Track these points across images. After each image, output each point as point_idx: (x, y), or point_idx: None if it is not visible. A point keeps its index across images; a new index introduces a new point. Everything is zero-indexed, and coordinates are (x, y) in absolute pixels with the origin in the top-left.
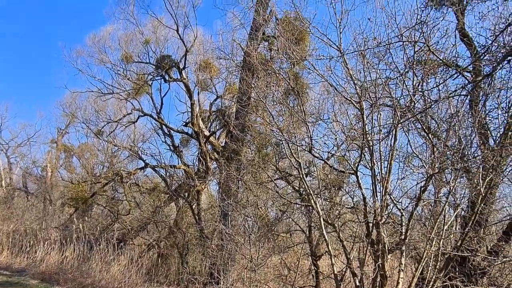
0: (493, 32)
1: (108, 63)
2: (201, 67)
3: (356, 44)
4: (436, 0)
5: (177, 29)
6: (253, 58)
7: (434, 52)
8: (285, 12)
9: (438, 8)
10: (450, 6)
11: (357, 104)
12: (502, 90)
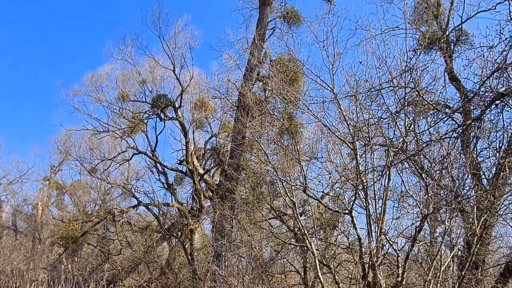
0: (481, 77)
1: (104, 101)
2: (196, 106)
3: (349, 86)
4: (424, 45)
5: (173, 69)
6: (247, 99)
7: (424, 96)
8: (279, 54)
9: (427, 52)
10: (438, 50)
11: (350, 144)
12: (492, 132)
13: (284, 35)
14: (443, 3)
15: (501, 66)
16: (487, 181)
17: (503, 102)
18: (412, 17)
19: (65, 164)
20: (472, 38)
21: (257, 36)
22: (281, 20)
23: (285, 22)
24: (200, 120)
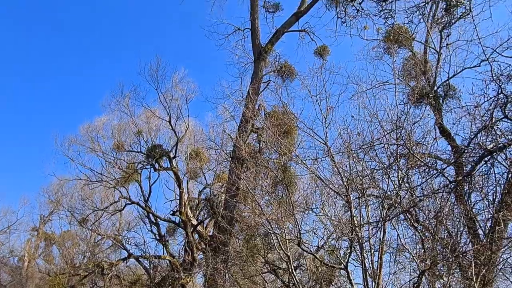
0: (469, 133)
1: (99, 151)
2: (191, 156)
3: (342, 139)
4: (414, 99)
5: (169, 120)
6: (242, 151)
7: (416, 148)
8: (273, 107)
9: (417, 106)
10: (428, 105)
11: (344, 197)
12: (484, 187)
13: (278, 89)
14: (430, 60)
15: (487, 124)
16: (483, 234)
17: (493, 158)
18: (401, 73)
19: (55, 214)
20: (460, 93)
21: (251, 89)
22: (275, 74)
23: (279, 76)
24: (194, 171)
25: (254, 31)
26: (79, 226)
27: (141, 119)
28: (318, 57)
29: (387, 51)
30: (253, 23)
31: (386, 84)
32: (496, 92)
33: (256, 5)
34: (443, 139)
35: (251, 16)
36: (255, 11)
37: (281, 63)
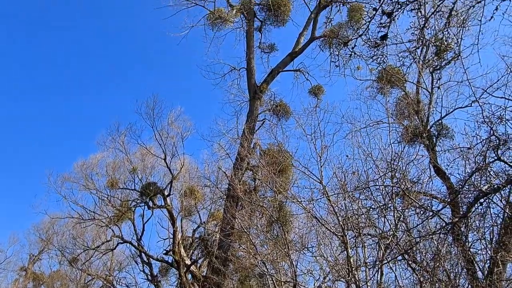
0: (463, 175)
1: (93, 189)
2: (186, 194)
3: (337, 178)
4: (408, 139)
5: (164, 158)
6: (237, 190)
7: (411, 192)
8: (268, 145)
9: (411, 144)
10: (422, 143)
11: (341, 237)
12: (481, 228)
13: (273, 128)
14: (422, 100)
15: (481, 166)
16: (482, 276)
17: (488, 199)
18: (394, 112)
19: (45, 253)
20: (453, 133)
21: (247, 128)
22: (270, 113)
23: (275, 115)
24: (188, 209)
25: (250, 71)
26: (69, 266)
27: (136, 156)
28: (312, 96)
29: (380, 91)
30: (249, 62)
31: (380, 123)
32: (488, 134)
33: (252, 46)
34: (438, 178)
35: (247, 56)
36: (251, 51)
37: (276, 102)
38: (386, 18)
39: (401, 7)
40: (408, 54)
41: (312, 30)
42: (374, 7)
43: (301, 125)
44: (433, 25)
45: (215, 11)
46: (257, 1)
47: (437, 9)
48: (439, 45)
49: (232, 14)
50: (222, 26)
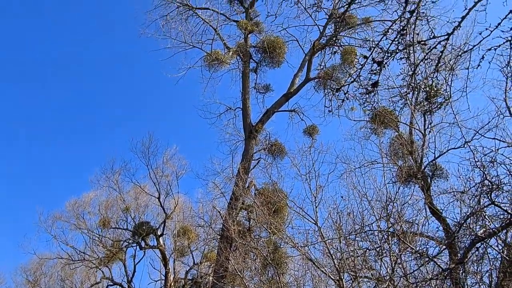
0: (459, 219)
1: (84, 228)
2: (179, 234)
3: (332, 220)
4: (402, 179)
5: (158, 197)
6: (231, 231)
7: (407, 233)
8: (264, 184)
9: (406, 185)
10: (417, 184)
11: (336, 281)
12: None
13: (269, 167)
14: (416, 141)
15: (476, 210)
16: None
17: (485, 243)
18: (388, 152)
19: None
20: (447, 173)
21: (242, 168)
22: (265, 152)
23: (270, 154)
24: (181, 249)
25: (245, 111)
26: None
27: (129, 195)
28: (307, 136)
29: (374, 131)
30: (245, 103)
31: (375, 163)
32: (481, 178)
33: (248, 86)
34: (434, 218)
35: (243, 96)
36: (247, 91)
37: (272, 141)
38: (376, 66)
39: (391, 55)
40: (400, 99)
41: (307, 71)
42: (365, 55)
43: (296, 165)
44: (423, 70)
45: (212, 53)
46: (253, 44)
47: (426, 57)
48: (429, 90)
49: (228, 56)
50: (219, 67)
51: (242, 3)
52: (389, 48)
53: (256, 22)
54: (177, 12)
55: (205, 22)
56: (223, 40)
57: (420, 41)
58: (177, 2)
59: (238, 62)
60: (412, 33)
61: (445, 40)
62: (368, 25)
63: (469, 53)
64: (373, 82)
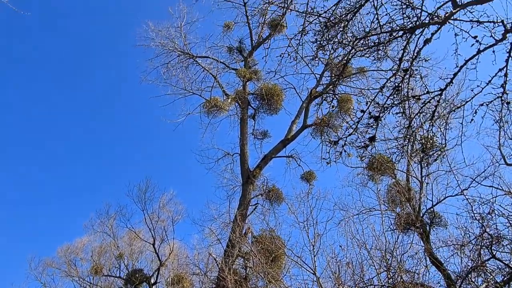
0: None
1: (75, 276)
2: (173, 282)
3: (331, 270)
4: (401, 227)
5: (153, 243)
6: (227, 281)
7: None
8: (261, 230)
9: (405, 232)
10: (416, 231)
11: None
12: None
13: (266, 214)
14: (413, 188)
15: (477, 264)
16: None
17: None
18: (386, 199)
19: None
20: (446, 221)
21: (239, 215)
22: (263, 198)
23: (267, 200)
24: None
25: (243, 156)
26: None
27: (123, 240)
28: (305, 182)
29: (371, 178)
30: (242, 148)
31: (373, 211)
32: (480, 230)
33: (246, 132)
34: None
35: (241, 142)
36: (245, 137)
37: (269, 187)
38: (373, 121)
39: (387, 109)
40: (396, 150)
41: (304, 118)
42: (362, 109)
43: (294, 211)
44: (419, 123)
45: (211, 99)
46: (251, 91)
47: (421, 110)
48: (425, 142)
49: (227, 103)
50: (218, 113)
51: (241, 52)
52: (385, 103)
53: (254, 70)
54: (178, 60)
55: (205, 69)
56: (222, 87)
57: (414, 96)
58: (178, 50)
59: (237, 109)
60: (406, 87)
61: (439, 95)
62: (363, 74)
63: (462, 106)
64: (370, 136)
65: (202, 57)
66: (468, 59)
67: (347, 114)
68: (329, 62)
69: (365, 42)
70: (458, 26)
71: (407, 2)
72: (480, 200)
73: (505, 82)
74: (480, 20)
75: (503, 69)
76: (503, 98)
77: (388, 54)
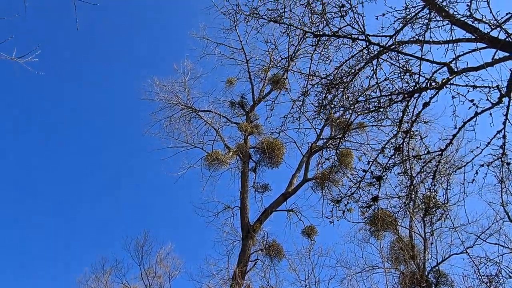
0: None
1: None
2: None
3: None
4: (405, 287)
5: None
6: None
7: None
8: (261, 287)
9: None
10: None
11: None
12: None
13: (266, 270)
14: (416, 244)
15: None
16: None
17: None
18: (389, 256)
19: None
20: (452, 281)
21: (238, 272)
22: (263, 253)
23: (267, 256)
24: None
25: (244, 209)
26: None
27: None
28: (306, 237)
29: (374, 234)
30: (243, 201)
31: (376, 268)
32: None
33: (246, 185)
34: None
35: (241, 195)
36: (245, 190)
37: (269, 242)
38: (375, 180)
39: (389, 169)
40: (399, 209)
41: (305, 172)
42: (364, 169)
43: (295, 269)
44: (420, 182)
45: (213, 153)
46: (252, 144)
47: (422, 170)
48: (427, 202)
49: (228, 156)
50: (219, 166)
51: (243, 107)
52: (387, 163)
53: (256, 125)
54: (181, 113)
55: (207, 123)
56: (224, 141)
57: (415, 156)
58: (182, 105)
59: (238, 162)
60: (407, 147)
61: (439, 155)
62: (362, 129)
63: (463, 167)
64: (373, 196)
65: (205, 111)
66: (466, 121)
67: (347, 169)
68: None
69: (365, 105)
70: (455, 90)
71: (405, 69)
72: (486, 259)
73: (504, 144)
74: (476, 85)
75: (501, 131)
76: (503, 159)
77: (388, 115)
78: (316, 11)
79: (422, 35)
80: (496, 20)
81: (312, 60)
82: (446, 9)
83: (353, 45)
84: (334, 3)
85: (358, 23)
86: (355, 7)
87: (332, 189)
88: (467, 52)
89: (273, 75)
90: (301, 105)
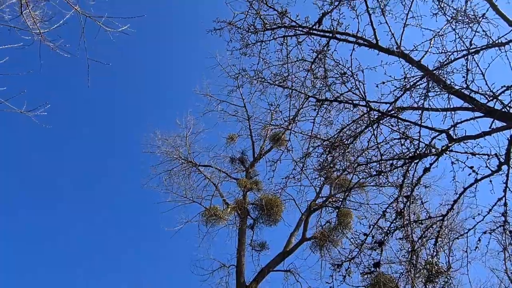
0: None
1: None
2: None
3: None
4: None
5: None
6: None
7: None
8: None
9: None
10: None
11: None
12: None
13: None
14: None
15: None
16: None
17: None
18: None
19: None
20: None
21: None
22: None
23: None
24: None
25: (240, 268)
26: None
27: None
28: None
29: None
30: (239, 260)
31: None
32: None
33: (244, 243)
34: None
35: (238, 253)
36: (242, 248)
37: None
38: (377, 245)
39: (390, 233)
40: (400, 275)
41: (303, 231)
42: (365, 232)
43: None
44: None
45: (211, 208)
46: (251, 201)
47: (423, 235)
48: (430, 268)
49: (226, 212)
50: (216, 222)
51: (243, 163)
52: (389, 228)
53: (255, 181)
54: (181, 167)
55: (206, 178)
56: (222, 196)
57: (417, 221)
58: (182, 159)
59: (236, 219)
60: (408, 212)
61: (440, 221)
62: (362, 189)
63: (465, 234)
64: (375, 262)
65: (205, 166)
66: (466, 187)
67: (347, 229)
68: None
69: (366, 169)
70: (454, 157)
71: (405, 135)
72: None
73: (505, 212)
74: (475, 152)
75: (502, 198)
76: (505, 227)
77: (389, 180)
78: (318, 76)
79: (421, 102)
80: (492, 92)
81: (314, 123)
82: (443, 79)
83: (354, 110)
84: (336, 70)
85: (359, 89)
86: (355, 74)
87: (331, 250)
88: (465, 120)
89: (274, 133)
90: (302, 166)
